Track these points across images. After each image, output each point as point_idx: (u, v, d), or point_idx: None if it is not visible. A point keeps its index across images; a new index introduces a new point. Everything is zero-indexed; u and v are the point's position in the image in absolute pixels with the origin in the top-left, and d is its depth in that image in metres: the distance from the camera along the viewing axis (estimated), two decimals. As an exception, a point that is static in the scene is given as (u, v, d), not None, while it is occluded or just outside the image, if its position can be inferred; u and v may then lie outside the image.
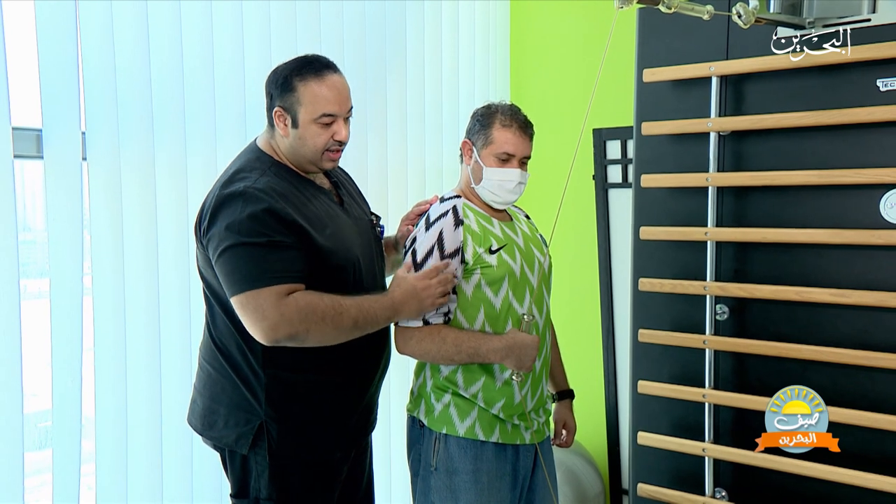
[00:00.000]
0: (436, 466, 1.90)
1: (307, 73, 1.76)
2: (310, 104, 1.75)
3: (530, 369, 1.85)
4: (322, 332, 1.67)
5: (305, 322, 1.64)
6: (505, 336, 1.84)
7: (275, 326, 1.62)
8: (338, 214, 1.85)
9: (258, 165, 1.77)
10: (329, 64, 1.80)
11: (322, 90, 1.75)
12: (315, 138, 1.77)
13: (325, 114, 1.75)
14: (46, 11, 1.94)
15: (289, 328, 1.63)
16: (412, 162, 3.05)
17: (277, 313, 1.62)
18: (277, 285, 1.64)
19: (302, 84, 1.75)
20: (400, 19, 2.97)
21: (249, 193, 1.67)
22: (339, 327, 1.69)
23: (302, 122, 1.76)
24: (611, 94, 2.75)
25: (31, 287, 2.04)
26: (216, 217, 1.69)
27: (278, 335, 1.64)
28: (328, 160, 1.81)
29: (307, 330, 1.65)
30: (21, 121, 1.92)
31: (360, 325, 1.72)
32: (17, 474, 1.90)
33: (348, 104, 1.80)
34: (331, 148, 1.79)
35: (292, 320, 1.63)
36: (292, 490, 1.80)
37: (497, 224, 1.95)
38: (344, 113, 1.79)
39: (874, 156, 1.92)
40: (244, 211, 1.65)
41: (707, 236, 2.14)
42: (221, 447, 1.84)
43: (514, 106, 1.96)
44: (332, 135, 1.77)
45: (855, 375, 1.96)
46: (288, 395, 1.77)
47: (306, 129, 1.76)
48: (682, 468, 2.25)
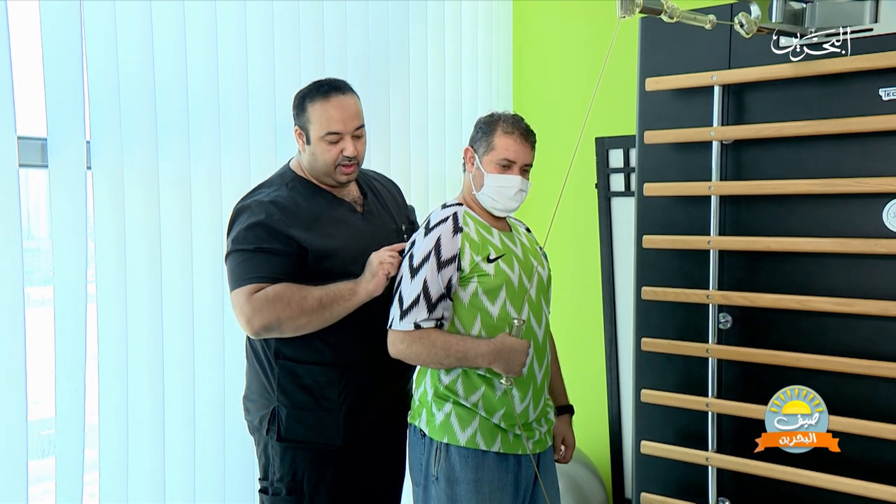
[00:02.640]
0: (437, 476, 1.89)
1: (316, 95, 1.94)
2: (317, 123, 1.93)
3: (519, 374, 1.84)
4: (291, 316, 1.82)
5: (274, 310, 1.81)
6: (493, 340, 1.84)
7: (250, 320, 1.83)
8: (352, 223, 1.99)
9: (278, 181, 1.99)
10: (339, 86, 1.96)
11: (327, 110, 1.92)
12: (324, 154, 1.94)
13: (330, 132, 1.92)
14: (52, 22, 1.95)
15: (262, 319, 1.82)
16: (415, 170, 3.05)
17: (250, 307, 1.82)
18: (253, 284, 1.83)
19: (311, 105, 1.94)
20: (403, 29, 2.98)
21: (253, 207, 1.89)
22: (305, 308, 1.83)
23: (313, 139, 1.94)
24: (613, 102, 2.76)
25: (35, 295, 2.05)
26: (230, 227, 1.92)
27: (255, 327, 1.83)
28: (342, 174, 1.97)
29: (278, 318, 1.82)
30: (26, 130, 1.94)
31: (324, 304, 1.85)
32: (20, 482, 1.90)
33: (354, 122, 1.95)
34: (341, 163, 1.95)
35: (262, 311, 1.81)
36: (302, 475, 1.95)
37: (496, 234, 1.96)
38: (349, 131, 1.94)
39: (877, 165, 1.92)
40: (245, 222, 1.87)
41: (710, 245, 2.14)
42: (252, 430, 2.04)
43: (517, 115, 1.97)
44: (340, 151, 1.93)
45: (858, 384, 1.96)
46: (294, 384, 1.93)
47: (317, 146, 1.94)
48: (686, 477, 2.24)
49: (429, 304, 1.85)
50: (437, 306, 1.86)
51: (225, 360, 2.35)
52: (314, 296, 1.84)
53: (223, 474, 2.36)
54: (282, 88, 2.49)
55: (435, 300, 1.85)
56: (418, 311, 1.85)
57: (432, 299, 1.85)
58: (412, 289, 1.86)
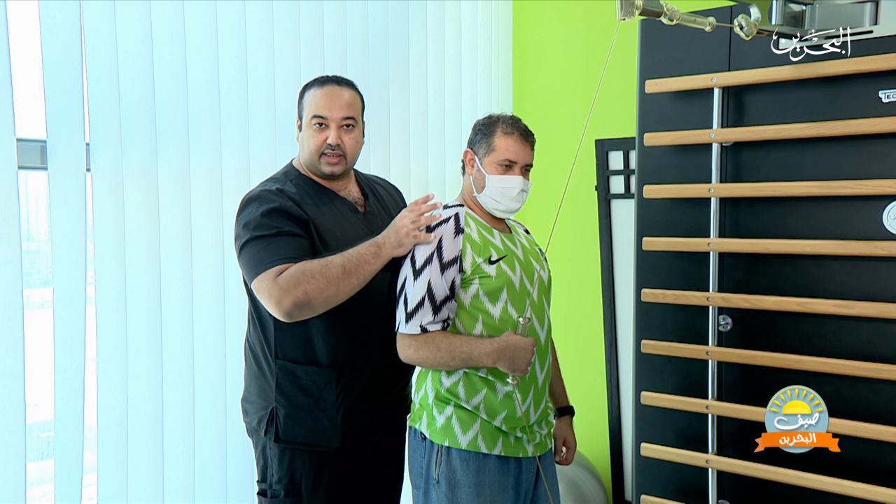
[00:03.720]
0: (438, 479, 1.89)
1: (314, 84, 1.99)
2: (307, 108, 1.96)
3: (525, 372, 1.83)
4: (318, 289, 1.77)
5: (301, 285, 1.76)
6: (498, 339, 1.83)
7: (280, 300, 1.76)
8: (353, 222, 1.98)
9: (282, 177, 1.99)
10: (339, 80, 1.99)
11: (317, 96, 1.95)
12: (310, 140, 1.96)
13: (315, 115, 1.94)
14: (51, 24, 1.95)
15: (291, 297, 1.76)
16: (415, 171, 3.06)
17: (278, 289, 1.77)
18: (278, 266, 1.79)
19: (308, 92, 1.98)
20: (403, 31, 2.98)
21: (264, 196, 1.88)
22: (330, 278, 1.78)
23: (303, 125, 1.98)
24: (613, 104, 2.76)
25: (34, 297, 2.05)
26: (238, 219, 1.90)
27: (287, 306, 1.77)
28: (325, 164, 1.96)
29: (305, 292, 1.76)
30: (26, 132, 1.93)
31: (349, 270, 1.80)
32: (19, 484, 1.90)
33: (342, 112, 1.95)
34: (325, 151, 1.95)
35: (289, 289, 1.76)
36: (300, 477, 1.94)
37: (498, 235, 1.96)
38: (336, 118, 1.94)
39: (877, 167, 1.92)
40: (258, 210, 1.85)
41: (710, 247, 2.13)
42: (250, 432, 2.02)
43: (514, 116, 1.98)
44: (324, 138, 1.94)
45: (858, 387, 1.96)
46: (293, 385, 1.93)
47: (305, 131, 1.97)
48: (686, 479, 2.24)
49: (433, 306, 1.85)
50: (441, 308, 1.85)
51: (225, 362, 2.35)
52: (336, 264, 1.80)
53: (223, 477, 2.35)
54: (282, 90, 2.49)
55: (440, 302, 1.85)
56: (423, 314, 1.85)
57: (437, 301, 1.85)
58: (416, 291, 1.85)
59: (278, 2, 2.49)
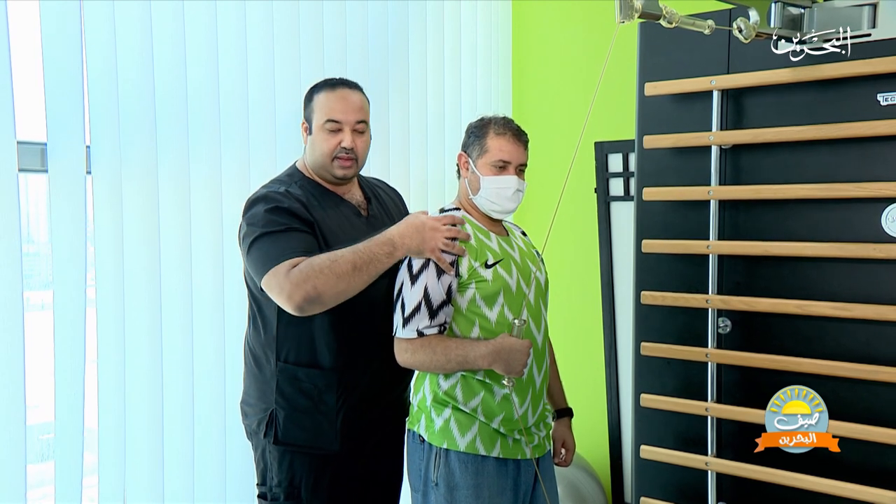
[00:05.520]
0: (436, 482, 1.89)
1: (324, 87, 1.99)
2: (319, 111, 1.95)
3: (521, 374, 1.84)
4: (328, 284, 1.76)
5: (310, 280, 1.75)
6: (493, 341, 1.83)
7: (291, 295, 1.76)
8: (356, 226, 1.98)
9: (286, 179, 1.99)
10: (348, 83, 2.00)
11: (330, 99, 1.95)
12: (322, 144, 1.95)
13: (329, 119, 1.94)
14: (52, 26, 1.95)
15: (301, 291, 1.75)
16: (414, 173, 3.06)
17: (288, 282, 1.76)
18: (289, 260, 1.78)
19: (317, 95, 1.98)
20: (402, 31, 2.98)
21: (271, 196, 1.88)
22: (340, 274, 1.77)
23: (314, 128, 1.97)
24: (612, 107, 2.76)
25: (34, 299, 2.05)
26: (244, 218, 1.89)
27: (298, 301, 1.76)
28: (339, 167, 1.96)
29: (315, 287, 1.75)
30: (26, 135, 1.93)
31: (359, 266, 1.79)
32: (19, 486, 1.90)
33: (356, 115, 1.96)
34: (339, 155, 1.95)
35: (300, 283, 1.75)
36: (300, 480, 1.94)
37: (495, 238, 1.96)
38: (350, 122, 1.95)
39: (875, 169, 1.93)
40: (268, 206, 1.86)
41: (709, 249, 2.14)
42: (249, 435, 2.02)
43: (507, 116, 1.99)
44: (339, 142, 1.94)
45: (857, 389, 1.96)
46: (294, 387, 1.93)
47: (317, 135, 1.96)
48: (685, 482, 2.24)
49: (430, 310, 1.85)
50: (438, 312, 1.86)
51: (225, 364, 2.35)
52: (346, 259, 1.78)
53: (223, 479, 2.36)
54: (282, 91, 2.49)
55: (436, 306, 1.85)
56: (420, 319, 1.85)
57: (433, 306, 1.85)
58: (413, 296, 1.86)
59: (278, 3, 2.49)
